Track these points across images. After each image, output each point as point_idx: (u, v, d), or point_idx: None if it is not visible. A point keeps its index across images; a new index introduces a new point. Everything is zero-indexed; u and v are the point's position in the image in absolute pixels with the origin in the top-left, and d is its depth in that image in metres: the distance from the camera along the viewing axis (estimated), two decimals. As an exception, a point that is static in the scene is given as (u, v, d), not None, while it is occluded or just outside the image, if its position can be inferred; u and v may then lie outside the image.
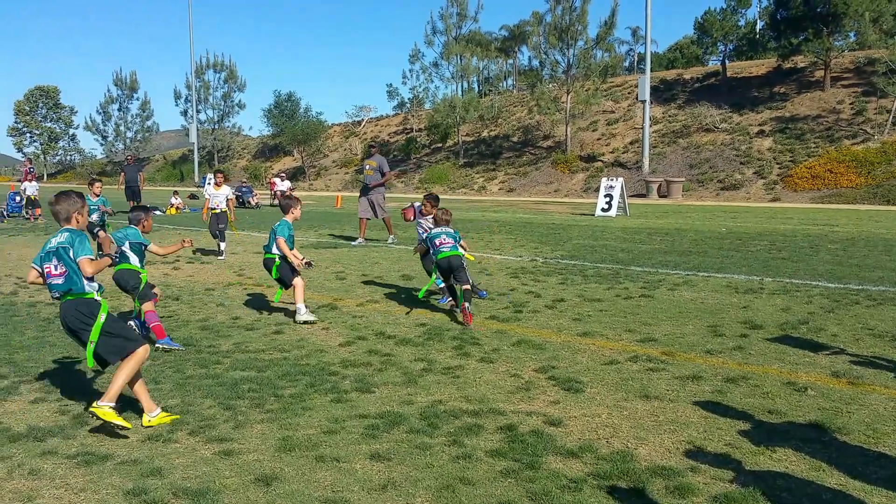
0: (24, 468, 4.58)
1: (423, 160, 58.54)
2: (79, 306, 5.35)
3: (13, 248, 16.83)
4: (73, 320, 5.35)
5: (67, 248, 5.34)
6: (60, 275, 5.35)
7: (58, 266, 5.36)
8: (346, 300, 10.26)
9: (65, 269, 5.34)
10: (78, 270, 5.32)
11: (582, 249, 15.87)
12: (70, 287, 5.34)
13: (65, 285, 5.34)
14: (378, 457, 4.79)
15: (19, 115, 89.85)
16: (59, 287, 5.36)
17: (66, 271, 5.34)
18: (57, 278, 5.35)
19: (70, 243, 5.35)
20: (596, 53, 48.25)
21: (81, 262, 5.31)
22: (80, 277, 5.34)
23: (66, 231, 5.46)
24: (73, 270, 5.33)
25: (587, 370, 6.74)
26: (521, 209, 31.47)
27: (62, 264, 5.35)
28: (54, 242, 5.40)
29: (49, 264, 5.39)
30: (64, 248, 5.35)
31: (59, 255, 5.36)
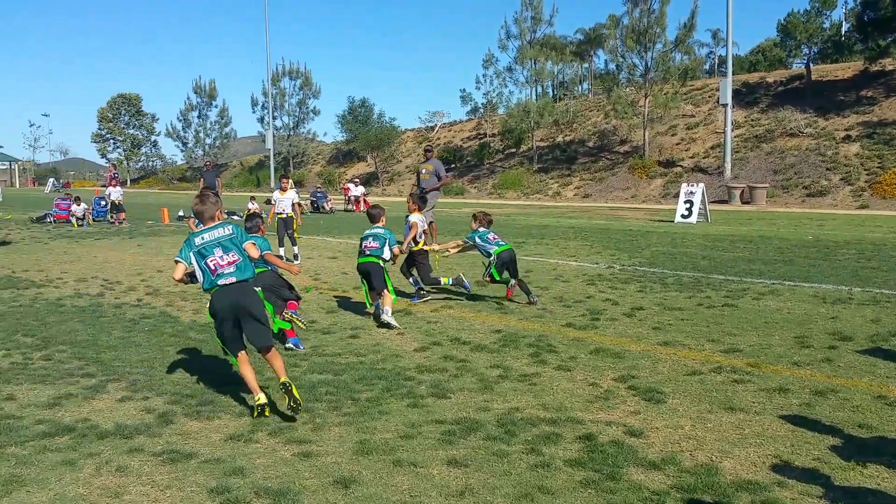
0: (112, 465, 4.70)
1: (497, 165, 58.44)
2: (249, 288, 5.88)
3: (99, 252, 17.44)
4: (246, 300, 5.78)
5: (235, 238, 5.89)
6: (231, 263, 5.80)
7: (224, 256, 5.80)
8: (419, 306, 10.27)
9: (238, 258, 5.83)
10: (248, 257, 5.90)
11: (661, 257, 15.54)
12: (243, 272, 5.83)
13: (237, 272, 5.80)
14: (455, 463, 4.75)
15: (103, 122, 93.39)
16: (232, 274, 5.78)
17: (239, 259, 5.84)
18: (228, 267, 5.79)
19: (236, 233, 5.94)
20: (675, 56, 47.34)
21: (247, 246, 5.94)
22: (249, 263, 5.91)
23: (227, 224, 6.02)
24: (244, 258, 5.88)
25: (668, 380, 6.56)
26: (597, 215, 31.08)
27: (233, 253, 5.84)
28: (214, 236, 5.87)
29: (212, 257, 5.79)
30: (231, 238, 5.87)
31: (224, 247, 5.83)
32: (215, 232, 5.88)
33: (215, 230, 5.90)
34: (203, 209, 6.03)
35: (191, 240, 5.89)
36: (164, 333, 8.47)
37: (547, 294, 10.98)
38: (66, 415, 5.65)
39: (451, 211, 34.28)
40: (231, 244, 5.84)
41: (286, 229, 15.41)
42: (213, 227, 5.94)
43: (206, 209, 6.02)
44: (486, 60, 58.67)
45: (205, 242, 5.82)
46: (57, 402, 5.96)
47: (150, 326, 8.87)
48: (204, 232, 5.91)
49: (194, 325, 8.92)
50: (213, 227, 5.93)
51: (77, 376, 6.71)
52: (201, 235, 5.87)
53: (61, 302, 10.49)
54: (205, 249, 5.79)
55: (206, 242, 5.81)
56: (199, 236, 5.88)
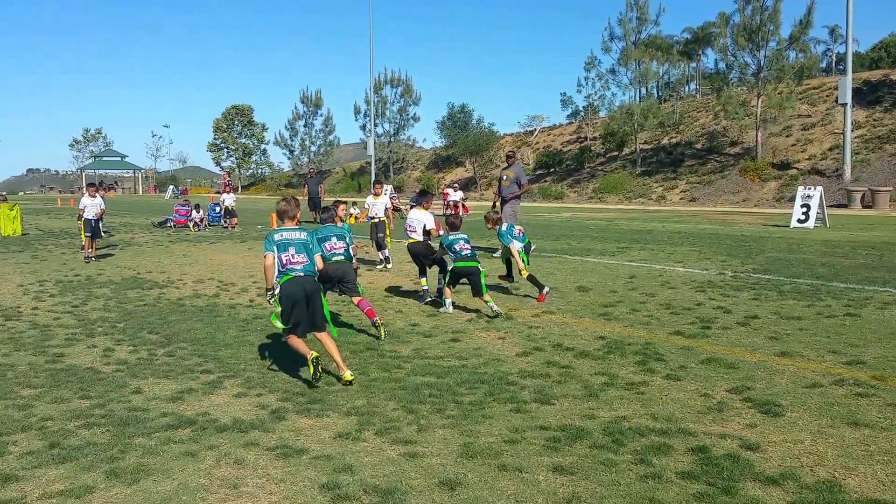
0: (231, 457, 4.91)
1: (598, 169, 57.63)
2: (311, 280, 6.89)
3: (214, 255, 18.18)
4: (310, 287, 6.80)
5: (307, 243, 6.92)
6: (300, 263, 6.81)
7: (296, 256, 6.81)
8: (521, 310, 10.25)
9: (306, 260, 6.85)
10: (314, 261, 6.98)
11: (776, 263, 14.98)
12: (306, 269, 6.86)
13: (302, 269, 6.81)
14: (562, 470, 4.72)
15: (217, 132, 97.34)
16: (300, 270, 6.80)
17: (307, 261, 6.85)
18: (297, 265, 6.80)
19: (310, 239, 6.99)
20: (789, 54, 45.55)
21: (316, 258, 7.06)
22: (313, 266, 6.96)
23: (303, 230, 7.04)
24: (311, 261, 6.91)
25: (787, 393, 6.32)
26: (706, 219, 30.21)
27: (304, 255, 6.85)
28: (292, 236, 6.88)
29: (286, 254, 6.79)
30: (304, 243, 6.90)
31: (297, 248, 6.85)
32: (293, 234, 6.87)
33: (293, 232, 6.89)
34: (287, 209, 7.02)
35: (271, 235, 6.85)
36: (275, 334, 8.74)
37: (653, 301, 10.76)
38: (188, 408, 5.94)
39: (551, 216, 34.04)
40: (303, 248, 6.86)
41: (377, 233, 15.58)
42: (292, 228, 6.94)
43: (289, 210, 7.03)
44: (587, 63, 57.98)
45: (283, 240, 6.80)
46: (179, 395, 6.27)
47: (261, 327, 9.19)
48: (284, 231, 6.90)
49: (304, 326, 9.17)
50: (291, 229, 6.92)
51: (197, 372, 7.04)
52: (281, 233, 6.86)
53: (182, 302, 11.01)
54: (281, 246, 6.78)
55: (284, 240, 6.80)
56: (278, 233, 6.86)
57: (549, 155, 63.23)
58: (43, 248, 19.72)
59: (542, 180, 59.84)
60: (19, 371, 7.04)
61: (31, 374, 6.91)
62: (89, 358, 7.59)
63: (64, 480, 4.51)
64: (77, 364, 7.31)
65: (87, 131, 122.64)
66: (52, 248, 19.73)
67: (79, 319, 9.65)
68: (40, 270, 14.91)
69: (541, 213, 37.24)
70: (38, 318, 9.72)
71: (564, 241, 20.69)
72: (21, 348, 8.01)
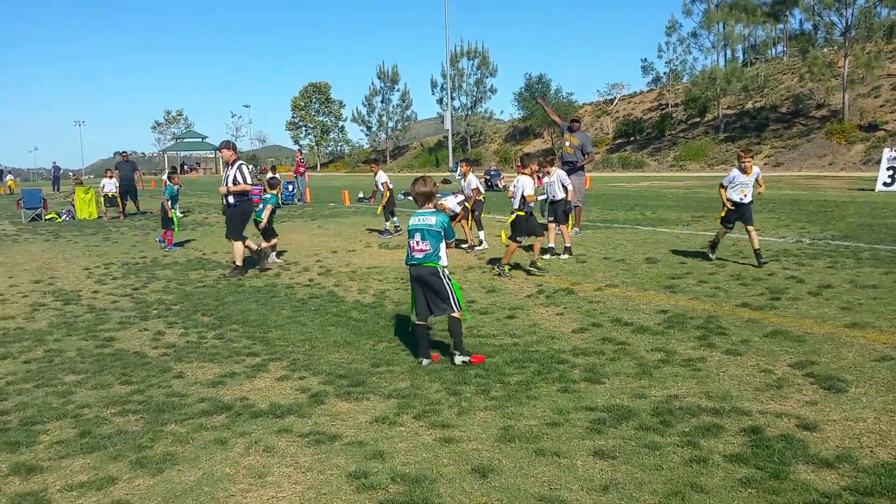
0: (261, 445, 4.80)
1: (679, 136, 56.01)
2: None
3: (283, 234, 18.20)
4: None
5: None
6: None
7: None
8: (583, 284, 9.91)
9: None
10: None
11: (857, 229, 14.14)
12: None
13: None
14: (602, 454, 4.46)
15: (295, 110, 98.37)
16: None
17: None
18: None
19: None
20: (880, 12, 43.12)
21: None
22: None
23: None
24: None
25: (853, 367, 5.87)
26: (789, 184, 28.98)
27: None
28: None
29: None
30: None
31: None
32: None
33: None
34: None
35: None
36: (328, 313, 8.69)
37: (723, 272, 10.27)
38: (227, 393, 5.88)
39: (629, 185, 33.20)
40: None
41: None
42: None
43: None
44: (668, 27, 56.36)
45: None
46: (221, 380, 6.22)
47: (316, 306, 9.14)
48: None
49: (357, 306, 9.09)
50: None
51: (243, 355, 7.00)
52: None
53: (241, 283, 11.07)
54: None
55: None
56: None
57: (629, 124, 61.81)
58: (115, 231, 20.14)
59: (622, 150, 58.60)
60: (66, 357, 7.11)
61: (77, 360, 6.97)
62: (138, 342, 7.63)
63: (88, 471, 4.46)
64: (125, 348, 7.36)
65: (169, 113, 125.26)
66: (125, 230, 20.17)
67: (136, 302, 9.77)
68: (109, 253, 15.23)
69: (619, 184, 36.41)
70: (96, 302, 9.88)
71: (638, 212, 20.11)
72: (73, 333, 8.12)
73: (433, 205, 6.70)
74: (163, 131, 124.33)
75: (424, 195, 6.69)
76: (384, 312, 8.65)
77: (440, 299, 6.47)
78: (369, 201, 28.73)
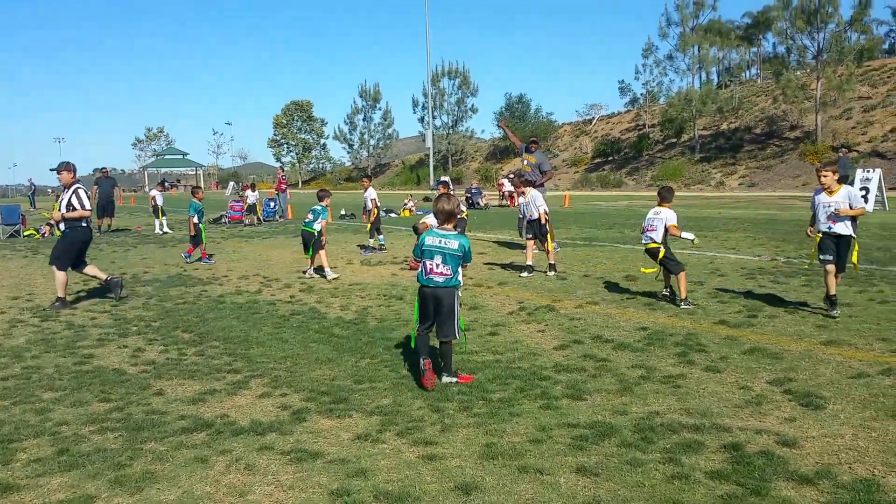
0: (241, 463, 4.76)
1: (656, 156, 56.60)
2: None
3: (264, 250, 18.25)
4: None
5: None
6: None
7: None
8: (564, 301, 9.96)
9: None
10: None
11: (831, 248, 14.32)
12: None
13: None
14: (585, 471, 4.47)
15: (277, 127, 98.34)
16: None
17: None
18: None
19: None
20: (850, 36, 44.01)
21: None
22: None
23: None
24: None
25: (830, 384, 5.95)
26: (764, 205, 29.33)
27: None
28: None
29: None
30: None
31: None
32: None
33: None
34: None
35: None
36: (310, 330, 8.66)
37: (701, 289, 10.37)
38: (208, 410, 5.83)
39: (607, 204, 33.44)
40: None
41: None
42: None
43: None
44: (645, 49, 57.20)
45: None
46: (201, 397, 6.16)
47: (298, 323, 9.10)
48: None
49: (340, 322, 9.07)
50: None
51: (224, 372, 6.95)
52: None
53: (222, 299, 11.00)
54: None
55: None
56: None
57: (607, 143, 62.40)
58: (94, 247, 19.91)
59: (600, 169, 59.08)
60: (44, 374, 7.01)
61: (55, 377, 6.87)
62: (118, 359, 7.55)
63: (66, 489, 4.39)
64: (104, 365, 7.27)
65: (150, 130, 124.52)
66: (103, 246, 19.97)
67: (115, 319, 9.67)
68: (88, 270, 15.07)
69: (597, 202, 36.65)
70: (74, 319, 9.76)
71: (618, 230, 20.27)
72: (52, 349, 8.01)
73: (453, 225, 6.48)
74: (143, 148, 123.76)
75: (447, 214, 6.45)
76: (366, 329, 8.64)
77: (448, 321, 6.34)
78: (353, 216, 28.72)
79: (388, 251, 16.86)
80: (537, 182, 15.49)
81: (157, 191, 25.78)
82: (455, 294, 6.37)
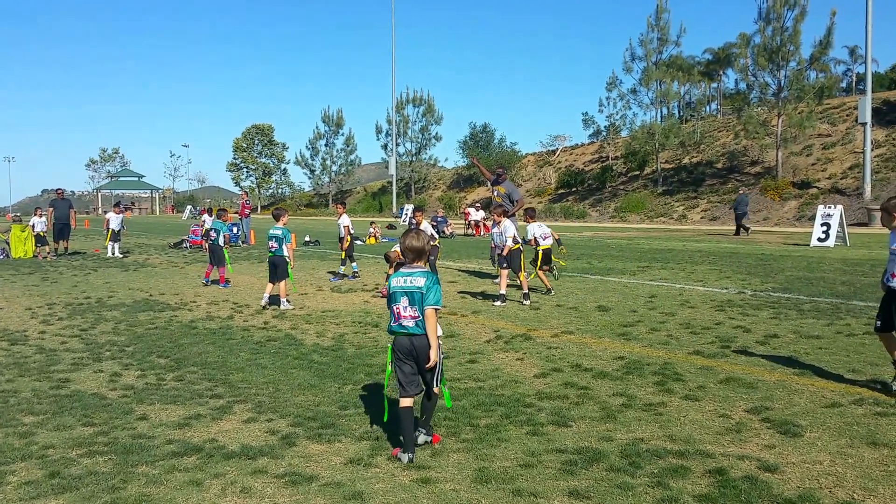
0: (237, 486, 4.77)
1: (619, 188, 57.43)
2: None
3: (230, 276, 18.10)
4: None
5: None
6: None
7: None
8: (540, 330, 10.09)
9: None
10: None
11: (796, 282, 14.72)
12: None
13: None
14: (577, 494, 4.56)
15: (237, 151, 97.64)
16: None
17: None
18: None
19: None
20: (810, 74, 45.40)
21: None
22: None
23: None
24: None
25: (806, 412, 6.14)
26: (726, 238, 29.92)
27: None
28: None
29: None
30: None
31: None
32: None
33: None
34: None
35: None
36: (288, 356, 8.66)
37: (673, 320, 10.57)
38: (195, 435, 5.81)
39: (573, 235, 33.82)
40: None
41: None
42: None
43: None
44: (609, 83, 58.07)
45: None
46: (187, 422, 6.14)
47: (275, 349, 9.09)
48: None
49: (317, 349, 9.08)
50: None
51: (206, 397, 6.93)
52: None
53: (194, 324, 10.93)
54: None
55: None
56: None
57: (570, 174, 63.18)
58: (53, 270, 19.65)
59: (563, 199, 59.72)
60: (22, 397, 6.92)
61: (34, 401, 6.79)
62: (95, 383, 7.47)
63: (63, 511, 4.38)
64: (82, 390, 7.20)
65: (104, 151, 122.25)
66: (63, 269, 19.70)
67: (86, 343, 9.56)
68: (50, 293, 14.86)
69: (563, 233, 36.91)
70: (44, 343, 9.63)
71: (585, 261, 20.51)
72: (25, 374, 7.91)
73: (423, 263, 5.68)
74: (97, 169, 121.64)
75: (416, 251, 5.61)
76: (345, 356, 8.66)
77: (432, 375, 5.53)
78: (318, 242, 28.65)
79: (358, 278, 16.87)
80: (509, 212, 15.65)
81: (113, 213, 25.34)
82: (437, 344, 5.52)
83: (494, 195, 16.33)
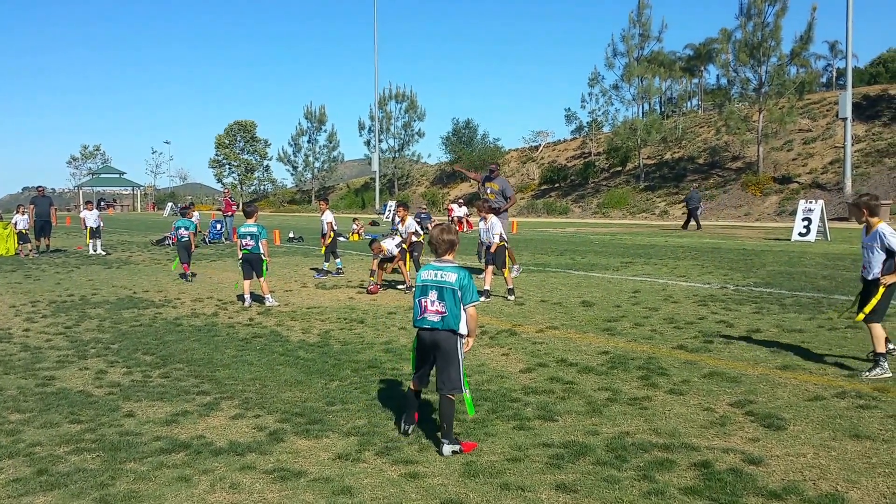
0: (226, 482, 4.78)
1: (602, 184, 57.67)
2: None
3: (214, 273, 18.06)
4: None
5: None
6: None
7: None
8: (525, 326, 10.14)
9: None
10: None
11: (778, 276, 14.87)
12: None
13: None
14: (564, 488, 4.61)
15: (219, 148, 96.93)
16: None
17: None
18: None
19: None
20: (790, 70, 45.78)
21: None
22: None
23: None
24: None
25: (789, 406, 6.22)
26: (708, 234, 30.15)
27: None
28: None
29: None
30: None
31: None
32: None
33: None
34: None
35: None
36: (274, 353, 8.66)
37: (656, 315, 10.66)
38: (182, 431, 5.82)
39: (556, 231, 33.97)
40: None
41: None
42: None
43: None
44: (591, 79, 58.22)
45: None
46: (174, 418, 6.14)
47: (261, 346, 9.09)
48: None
49: (303, 345, 9.08)
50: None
51: (193, 394, 6.92)
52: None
53: (179, 321, 10.90)
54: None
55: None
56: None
57: (553, 170, 63.35)
58: (36, 268, 19.50)
59: (546, 195, 59.89)
60: (8, 395, 6.88)
61: (20, 399, 6.76)
62: (81, 381, 7.44)
63: (51, 508, 4.37)
64: (68, 387, 7.17)
65: (86, 148, 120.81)
66: (45, 267, 19.56)
67: (71, 341, 9.51)
68: (33, 291, 14.75)
69: (545, 229, 37.17)
70: (29, 340, 9.58)
71: (569, 256, 20.61)
72: (10, 371, 7.86)
73: (454, 257, 5.64)
74: (79, 166, 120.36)
75: (447, 244, 5.58)
76: (331, 352, 8.67)
77: (450, 373, 5.43)
78: (301, 239, 28.59)
79: (343, 274, 16.86)
80: (501, 209, 15.64)
81: (87, 211, 25.14)
82: (457, 340, 5.44)
83: (487, 192, 16.16)
